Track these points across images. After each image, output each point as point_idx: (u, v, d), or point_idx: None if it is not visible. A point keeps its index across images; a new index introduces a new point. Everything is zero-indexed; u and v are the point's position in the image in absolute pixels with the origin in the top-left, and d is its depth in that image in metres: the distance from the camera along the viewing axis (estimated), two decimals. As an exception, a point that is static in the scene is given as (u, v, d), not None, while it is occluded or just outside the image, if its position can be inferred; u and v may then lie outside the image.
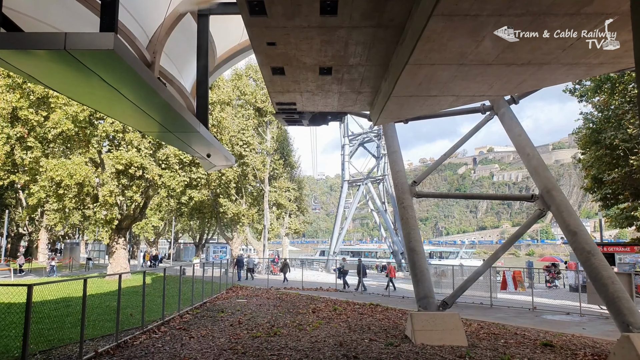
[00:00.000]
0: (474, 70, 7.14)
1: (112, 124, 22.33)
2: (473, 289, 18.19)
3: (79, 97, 5.79)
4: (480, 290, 18.19)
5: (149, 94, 5.30)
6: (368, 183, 41.45)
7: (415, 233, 12.03)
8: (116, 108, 6.50)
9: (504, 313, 14.52)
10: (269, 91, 10.91)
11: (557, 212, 10.45)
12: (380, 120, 11.64)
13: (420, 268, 11.03)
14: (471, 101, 9.73)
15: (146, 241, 60.09)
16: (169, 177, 23.55)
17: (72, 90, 5.43)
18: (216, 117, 24.94)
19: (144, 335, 9.77)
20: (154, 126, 8.45)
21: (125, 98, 5.31)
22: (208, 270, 24.49)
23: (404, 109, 10.27)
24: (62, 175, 21.56)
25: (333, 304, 15.79)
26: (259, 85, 39.93)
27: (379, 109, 10.40)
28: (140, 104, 5.75)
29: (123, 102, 5.49)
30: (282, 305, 15.47)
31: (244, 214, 38.75)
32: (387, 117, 11.10)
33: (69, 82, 5.01)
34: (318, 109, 12.48)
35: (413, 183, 13.60)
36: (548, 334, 10.54)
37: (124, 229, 26.25)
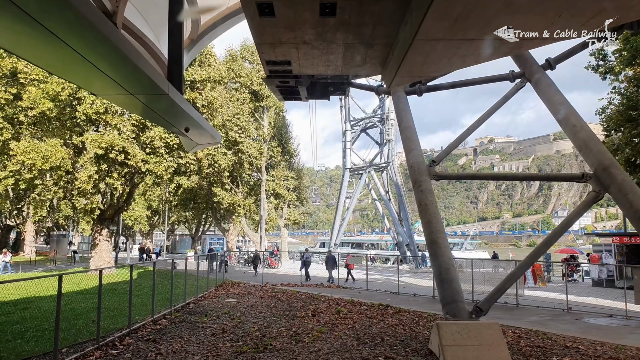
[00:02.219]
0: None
1: (92, 104, 20.08)
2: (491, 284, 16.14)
3: (15, 49, 4.87)
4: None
5: (102, 43, 4.44)
6: (371, 171, 39.26)
7: (436, 222, 9.88)
8: (61, 61, 5.12)
9: (537, 315, 12.44)
10: (257, 44, 8.56)
11: (619, 193, 8.29)
12: (395, 82, 9.34)
13: (445, 265, 8.90)
14: (516, 49, 7.56)
15: (140, 233, 58.19)
16: (155, 162, 21.37)
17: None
18: (207, 96, 22.69)
19: (98, 351, 7.66)
20: (111, 86, 6.66)
21: (71, 49, 4.39)
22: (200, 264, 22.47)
23: (428, 61, 7.99)
24: (34, 159, 19.40)
25: (336, 304, 13.72)
26: (255, 67, 37.60)
27: (396, 64, 8.11)
28: (90, 57, 4.80)
29: (69, 54, 4.51)
30: (277, 305, 13.40)
31: (240, 204, 36.67)
32: (405, 75, 8.84)
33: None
34: (318, 71, 10.13)
35: (432, 163, 11.46)
36: (605, 347, 8.47)
37: (108, 219, 24.12)
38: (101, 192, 22.62)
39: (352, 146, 40.57)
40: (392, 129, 37.40)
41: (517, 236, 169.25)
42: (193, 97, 22.19)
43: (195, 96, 22.38)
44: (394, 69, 8.39)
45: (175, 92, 7.67)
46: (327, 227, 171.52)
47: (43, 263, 32.50)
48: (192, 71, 22.36)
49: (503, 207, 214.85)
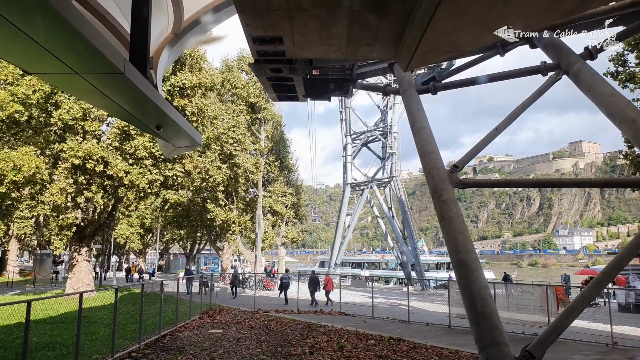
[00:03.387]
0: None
1: (68, 110, 18.32)
2: (517, 310, 14.11)
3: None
4: (528, 311, 14.04)
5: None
6: (373, 186, 37.33)
7: (465, 239, 7.82)
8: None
9: (580, 353, 10.38)
10: (240, 12, 6.63)
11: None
12: (413, 64, 7.39)
13: (480, 294, 6.86)
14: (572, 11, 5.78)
15: (133, 252, 55.99)
16: (138, 174, 19.46)
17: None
18: (197, 103, 20.94)
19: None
20: (49, 62, 4.74)
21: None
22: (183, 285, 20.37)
23: (458, 31, 6.14)
24: (4, 169, 17.53)
25: (338, 336, 11.66)
26: (252, 79, 36.01)
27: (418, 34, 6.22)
28: (18, 21, 3.27)
29: None
30: (268, 339, 11.32)
31: (235, 220, 34.61)
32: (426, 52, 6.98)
33: None
34: (317, 53, 8.16)
35: (454, 168, 9.58)
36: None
37: (88, 236, 22.09)
38: (80, 207, 20.68)
39: (353, 161, 38.77)
40: (395, 142, 35.67)
41: (518, 255, 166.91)
42: (182, 105, 20.45)
43: (184, 103, 20.65)
44: (414, 42, 6.43)
45: (136, 73, 5.82)
46: (326, 246, 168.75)
47: (22, 284, 30.32)
48: (181, 76, 20.66)
49: (503, 226, 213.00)
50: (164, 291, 13.95)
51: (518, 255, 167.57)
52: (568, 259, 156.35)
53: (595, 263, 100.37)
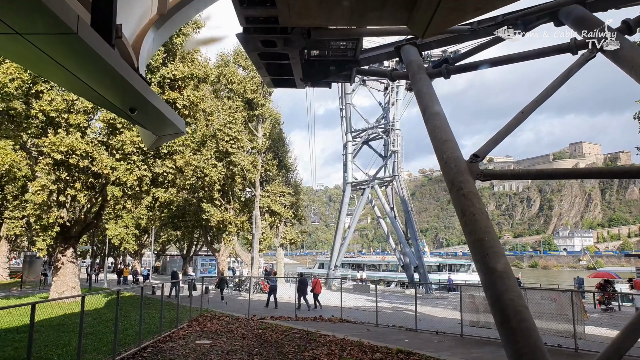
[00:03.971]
0: None
1: (50, 102, 17.10)
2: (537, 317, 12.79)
3: None
4: (546, 319, 12.73)
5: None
6: (374, 186, 36.08)
7: (491, 239, 6.59)
8: None
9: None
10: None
11: None
12: (432, 28, 6.13)
13: (515, 306, 5.64)
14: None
15: (129, 253, 54.67)
16: (125, 170, 18.23)
17: None
18: (188, 96, 19.71)
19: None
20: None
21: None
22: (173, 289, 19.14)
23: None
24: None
25: (340, 348, 10.43)
26: (249, 74, 34.79)
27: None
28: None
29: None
30: (262, 352, 10.08)
31: (231, 221, 33.38)
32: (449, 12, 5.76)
33: None
34: (317, 21, 6.89)
35: (474, 158, 8.37)
36: None
37: (74, 237, 20.84)
38: (65, 205, 19.45)
39: (354, 160, 37.54)
40: (397, 139, 34.44)
41: (518, 257, 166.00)
42: (173, 98, 19.22)
43: (176, 96, 19.42)
44: (434, 4, 5.22)
45: (96, 37, 4.58)
46: (326, 247, 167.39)
47: (9, 287, 29.07)
48: (171, 67, 19.46)
49: (503, 227, 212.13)
50: (157, 295, 12.76)
51: (518, 256, 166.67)
52: (569, 260, 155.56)
53: (597, 264, 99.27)
